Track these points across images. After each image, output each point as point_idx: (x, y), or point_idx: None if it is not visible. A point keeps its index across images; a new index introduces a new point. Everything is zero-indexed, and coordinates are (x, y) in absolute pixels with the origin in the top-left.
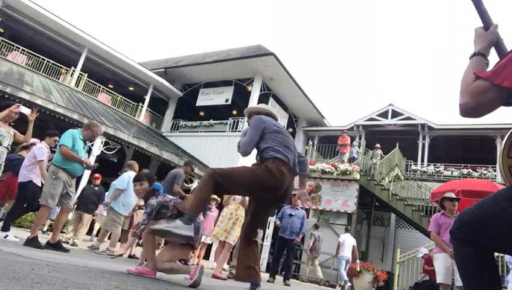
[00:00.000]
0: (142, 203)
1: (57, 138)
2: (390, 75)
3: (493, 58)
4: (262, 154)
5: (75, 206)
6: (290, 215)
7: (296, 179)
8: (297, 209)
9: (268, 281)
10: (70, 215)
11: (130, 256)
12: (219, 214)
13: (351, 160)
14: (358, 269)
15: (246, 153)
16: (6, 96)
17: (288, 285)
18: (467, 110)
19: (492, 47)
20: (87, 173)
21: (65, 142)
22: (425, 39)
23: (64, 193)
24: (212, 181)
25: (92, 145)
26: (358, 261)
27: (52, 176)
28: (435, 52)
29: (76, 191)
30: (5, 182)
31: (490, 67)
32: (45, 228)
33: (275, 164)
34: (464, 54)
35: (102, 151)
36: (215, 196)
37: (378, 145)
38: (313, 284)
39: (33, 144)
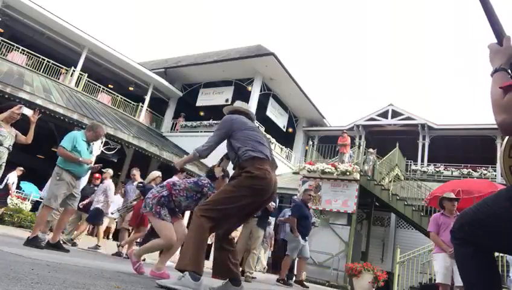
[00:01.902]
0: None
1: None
2: (391, 75)
3: None
4: (240, 156)
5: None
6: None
7: None
8: None
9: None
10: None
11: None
12: None
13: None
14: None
15: (203, 156)
16: (6, 96)
17: (291, 285)
18: (507, 127)
19: None
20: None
21: (63, 144)
22: (425, 39)
23: (69, 194)
24: (205, 222)
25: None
26: None
27: (55, 177)
28: (435, 51)
29: None
30: (138, 209)
31: None
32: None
33: (254, 165)
34: (464, 53)
35: (102, 151)
36: None
37: (370, 150)
38: (313, 284)
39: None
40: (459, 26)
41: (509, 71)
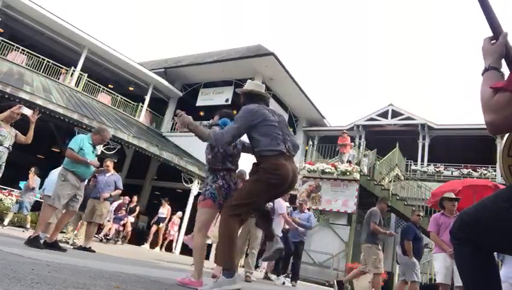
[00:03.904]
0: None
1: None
2: (391, 75)
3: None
4: (256, 152)
5: None
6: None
7: None
8: (304, 213)
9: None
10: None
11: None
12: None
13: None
14: None
15: (221, 143)
16: (6, 96)
17: (294, 285)
18: (496, 128)
19: (504, 57)
20: None
21: (71, 146)
22: (425, 39)
23: (72, 196)
24: (233, 221)
25: None
26: None
27: (61, 178)
28: (435, 51)
29: None
30: None
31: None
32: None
33: (269, 161)
34: (464, 53)
35: (102, 151)
36: None
37: (367, 152)
38: (313, 284)
39: None
40: (459, 25)
41: (500, 70)
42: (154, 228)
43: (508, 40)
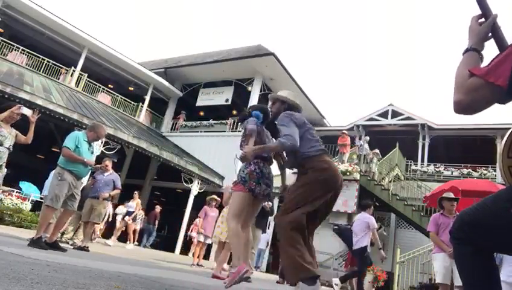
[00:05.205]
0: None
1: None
2: (390, 75)
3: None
4: (300, 154)
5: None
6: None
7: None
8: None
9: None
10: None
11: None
12: (219, 214)
13: (362, 157)
14: None
15: (296, 146)
16: (6, 96)
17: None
18: (461, 107)
19: (493, 40)
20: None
21: (67, 144)
22: (426, 39)
23: (70, 195)
24: (296, 233)
25: None
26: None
27: (57, 177)
28: (435, 52)
29: None
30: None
31: (485, 62)
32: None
33: (316, 160)
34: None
35: (102, 151)
36: (214, 196)
37: (376, 151)
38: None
39: None
40: (460, 25)
41: (481, 52)
42: (122, 223)
43: (497, 21)
